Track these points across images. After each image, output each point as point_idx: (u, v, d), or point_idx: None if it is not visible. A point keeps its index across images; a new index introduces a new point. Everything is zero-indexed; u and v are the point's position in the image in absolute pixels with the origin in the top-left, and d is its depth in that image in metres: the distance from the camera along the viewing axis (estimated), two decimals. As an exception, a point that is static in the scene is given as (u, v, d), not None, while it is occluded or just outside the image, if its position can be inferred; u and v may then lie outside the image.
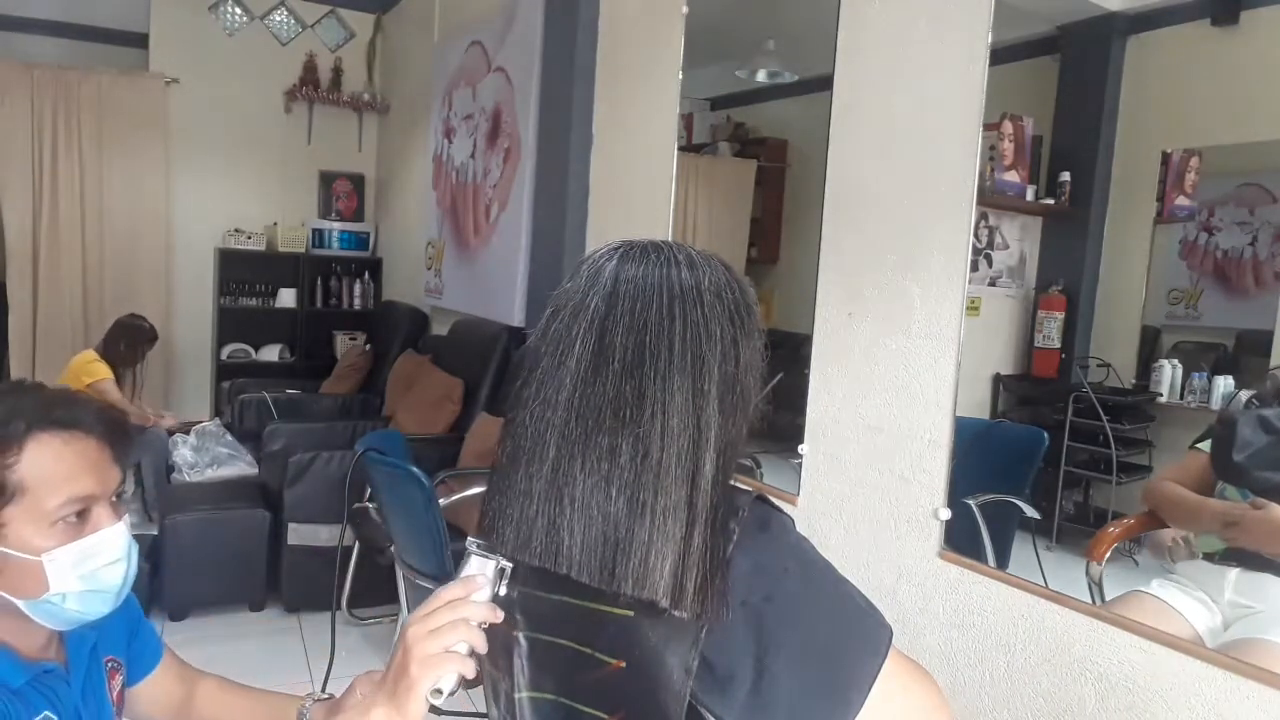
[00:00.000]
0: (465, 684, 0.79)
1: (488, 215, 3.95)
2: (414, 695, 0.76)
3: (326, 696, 1.20)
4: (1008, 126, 1.72)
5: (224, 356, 5.49)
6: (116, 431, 1.05)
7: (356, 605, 3.36)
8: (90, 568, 1.00)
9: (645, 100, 2.76)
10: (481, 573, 0.79)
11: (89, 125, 5.08)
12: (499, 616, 0.78)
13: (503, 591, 0.79)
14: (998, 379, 1.85)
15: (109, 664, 1.15)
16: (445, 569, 2.17)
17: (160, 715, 1.25)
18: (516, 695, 0.81)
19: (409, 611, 2.48)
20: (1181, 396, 1.59)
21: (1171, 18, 1.61)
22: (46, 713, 1.02)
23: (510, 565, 0.79)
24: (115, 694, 1.15)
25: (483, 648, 0.78)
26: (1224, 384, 1.53)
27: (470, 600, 0.78)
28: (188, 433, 4.07)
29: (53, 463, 0.97)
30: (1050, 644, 1.51)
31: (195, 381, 5.64)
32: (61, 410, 1.00)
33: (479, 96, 4.07)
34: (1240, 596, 1.40)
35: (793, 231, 2.62)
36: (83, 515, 0.99)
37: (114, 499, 1.04)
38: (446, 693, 0.78)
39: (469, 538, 0.82)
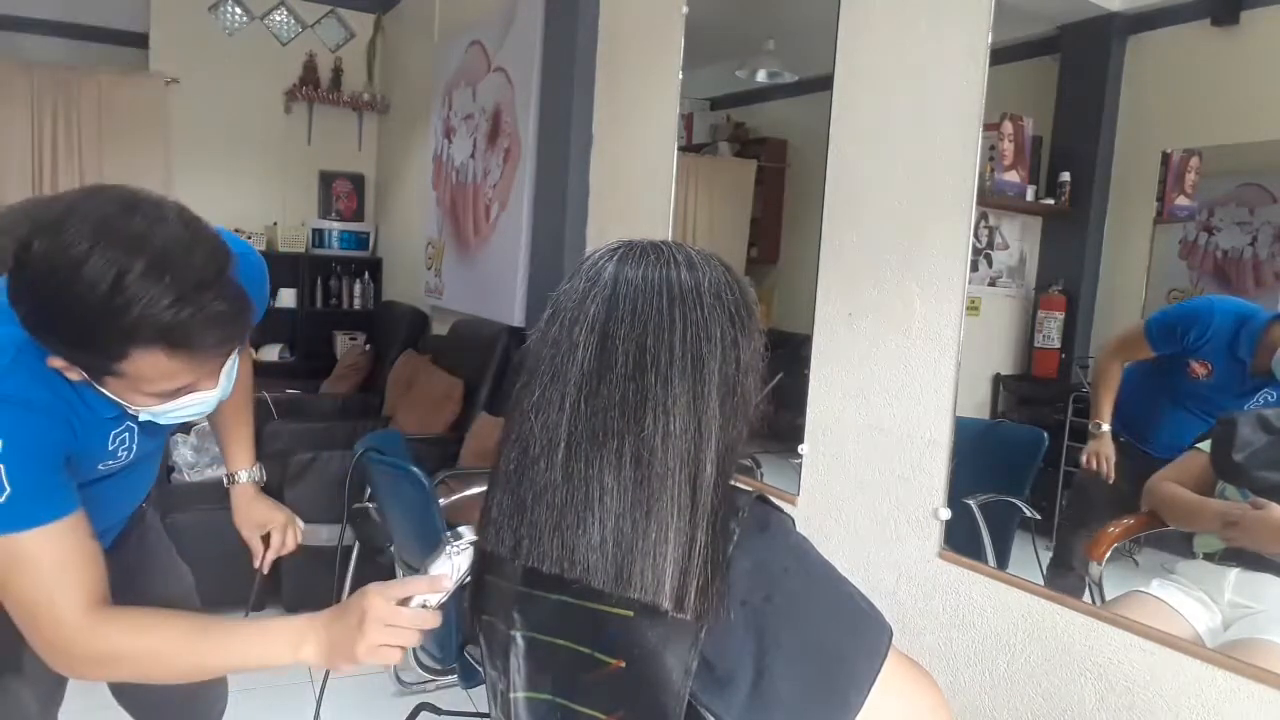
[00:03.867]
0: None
1: (488, 215, 3.95)
2: (349, 665, 0.92)
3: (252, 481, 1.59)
4: (1008, 126, 1.72)
5: (224, 356, 5.49)
6: (236, 343, 1.06)
7: (356, 605, 3.36)
8: (174, 415, 1.10)
9: (645, 100, 2.75)
10: (446, 574, 0.89)
11: (89, 125, 5.06)
12: (438, 621, 0.90)
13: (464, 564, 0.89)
14: (998, 379, 1.85)
15: None
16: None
17: None
18: (512, 695, 0.81)
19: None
20: (1181, 396, 1.59)
21: (1171, 18, 1.61)
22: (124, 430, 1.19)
23: (467, 571, 0.89)
24: None
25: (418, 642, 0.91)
26: (1224, 384, 1.53)
27: (433, 610, 0.90)
28: (188, 432, 4.07)
29: (156, 368, 0.97)
30: (1050, 644, 1.51)
31: (195, 381, 5.63)
32: (180, 334, 0.94)
33: (479, 96, 4.07)
34: (1240, 596, 1.40)
35: (793, 231, 2.62)
36: (181, 389, 1.04)
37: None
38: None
39: (459, 529, 0.89)
